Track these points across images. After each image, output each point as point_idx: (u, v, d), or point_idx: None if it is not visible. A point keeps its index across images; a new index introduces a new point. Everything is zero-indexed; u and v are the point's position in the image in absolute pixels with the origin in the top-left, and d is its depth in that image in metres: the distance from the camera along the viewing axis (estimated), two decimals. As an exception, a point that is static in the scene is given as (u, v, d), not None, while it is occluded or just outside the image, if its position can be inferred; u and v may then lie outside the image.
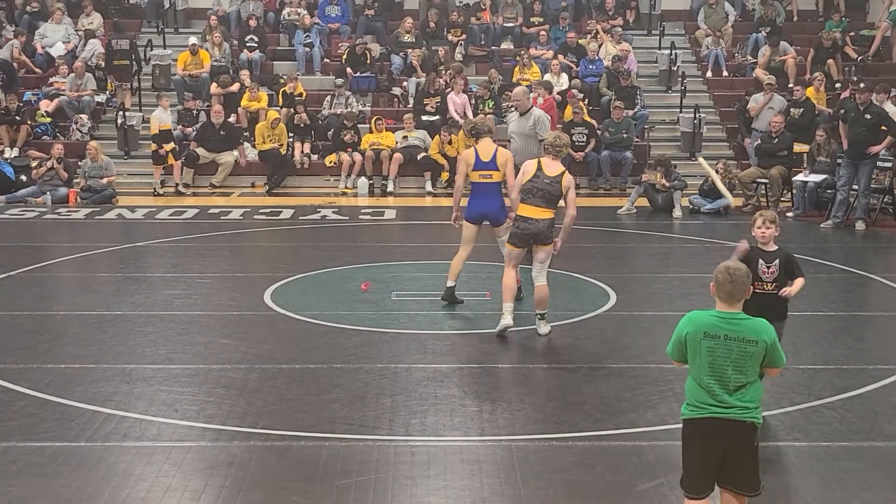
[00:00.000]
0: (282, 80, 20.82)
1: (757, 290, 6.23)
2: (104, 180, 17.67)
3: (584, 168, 18.96)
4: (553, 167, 9.29)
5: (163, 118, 18.45)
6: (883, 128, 15.30)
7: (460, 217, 10.45)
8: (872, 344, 9.63)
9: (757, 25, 22.44)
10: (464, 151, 10.56)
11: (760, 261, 6.99)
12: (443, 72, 20.59)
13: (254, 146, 19.46)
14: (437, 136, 19.21)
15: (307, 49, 21.90)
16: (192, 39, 21.09)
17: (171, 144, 18.44)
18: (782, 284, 7.01)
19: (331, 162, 19.30)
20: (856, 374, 8.34)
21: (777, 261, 7.06)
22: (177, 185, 18.63)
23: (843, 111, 16.29)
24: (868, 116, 15.18)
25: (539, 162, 9.39)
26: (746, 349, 4.84)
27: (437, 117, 19.68)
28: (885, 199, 16.10)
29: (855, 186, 15.38)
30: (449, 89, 20.08)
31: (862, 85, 16.43)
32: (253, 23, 21.96)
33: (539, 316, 9.41)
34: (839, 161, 15.77)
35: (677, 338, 4.99)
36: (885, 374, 8.29)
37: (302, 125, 19.62)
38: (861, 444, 6.81)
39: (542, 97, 16.31)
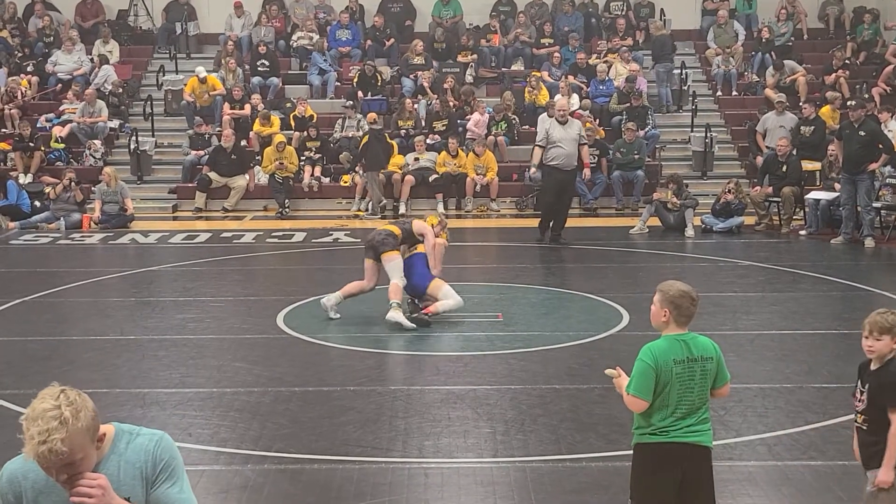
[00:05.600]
0: (288, 106, 20.90)
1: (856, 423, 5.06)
2: (125, 204, 17.74)
3: (591, 188, 18.95)
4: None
5: None
6: (879, 146, 15.33)
7: None
8: (887, 362, 9.57)
9: (762, 46, 22.40)
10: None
11: (858, 381, 5.04)
12: (449, 92, 20.71)
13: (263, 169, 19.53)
14: (443, 152, 19.30)
15: (320, 75, 21.99)
16: (200, 69, 21.16)
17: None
18: (877, 423, 4.88)
19: (346, 182, 19.38)
20: (871, 392, 8.28)
21: (869, 385, 4.93)
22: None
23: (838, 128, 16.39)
24: (862, 133, 15.19)
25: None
26: (706, 367, 4.80)
27: (446, 139, 19.72)
28: (898, 218, 16.09)
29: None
30: (472, 110, 20.22)
31: (854, 102, 16.43)
32: (263, 49, 22.05)
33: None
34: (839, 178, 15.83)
35: (647, 373, 4.76)
36: (900, 392, 8.23)
37: (313, 149, 19.70)
38: (877, 463, 6.76)
39: None
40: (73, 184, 17.97)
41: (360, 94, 21.13)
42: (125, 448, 3.23)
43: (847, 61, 21.74)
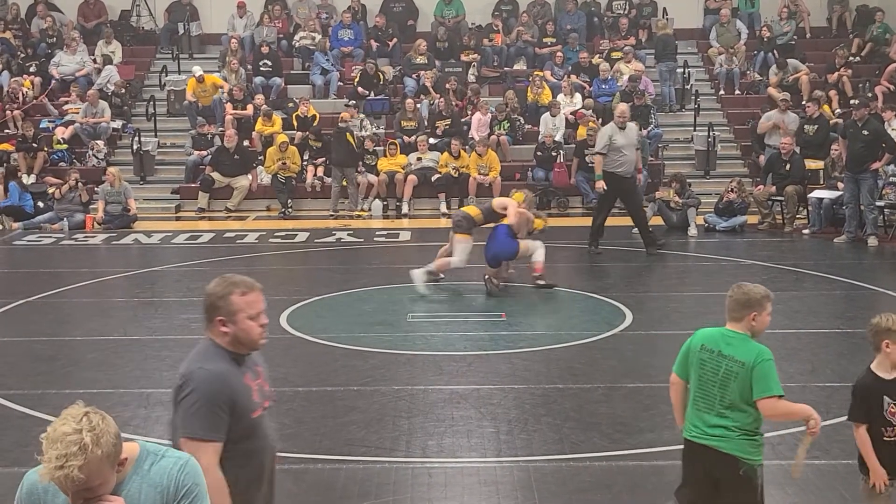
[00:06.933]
0: (290, 106, 20.90)
1: (885, 438, 4.98)
2: (129, 204, 17.75)
3: (594, 187, 18.92)
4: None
5: None
6: (883, 144, 15.35)
7: None
8: (891, 360, 9.57)
9: (763, 45, 22.38)
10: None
11: (885, 397, 5.00)
12: (451, 93, 20.71)
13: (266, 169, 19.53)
14: (445, 152, 19.28)
15: (323, 75, 21.98)
16: (197, 68, 21.17)
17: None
18: None
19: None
20: (874, 391, 8.29)
21: None
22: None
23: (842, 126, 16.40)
24: (865, 132, 15.20)
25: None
26: (732, 369, 4.74)
27: (449, 139, 19.68)
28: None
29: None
30: (473, 109, 20.25)
31: (857, 101, 16.41)
32: (265, 49, 22.05)
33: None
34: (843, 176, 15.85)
35: (683, 349, 4.98)
36: (904, 391, 8.23)
37: (314, 148, 19.71)
38: (881, 462, 6.76)
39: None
40: (78, 184, 17.99)
41: (360, 89, 21.11)
42: (148, 469, 3.18)
43: (850, 58, 21.69)
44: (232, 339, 4.00)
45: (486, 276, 12.04)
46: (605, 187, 14.56)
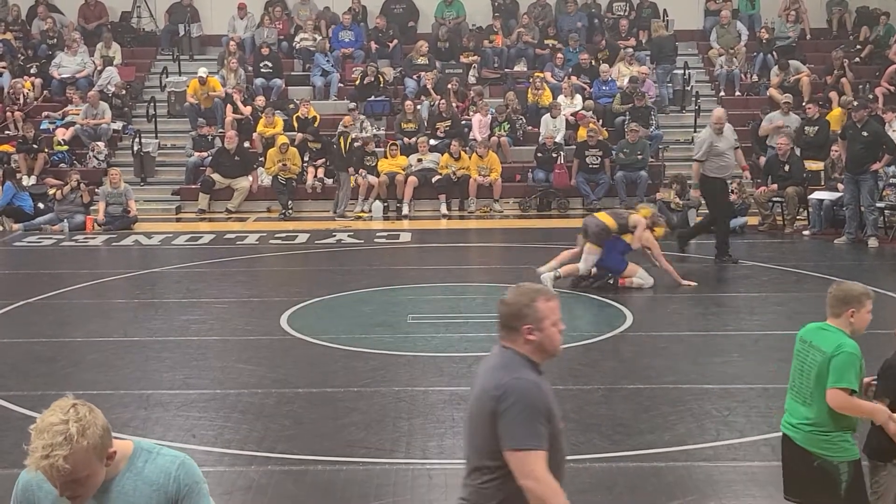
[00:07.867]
0: (291, 107, 20.89)
1: None
2: (129, 205, 17.75)
3: (595, 188, 18.95)
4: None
5: None
6: (883, 146, 15.36)
7: None
8: (891, 362, 9.55)
9: (762, 47, 22.38)
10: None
11: None
12: (452, 94, 20.71)
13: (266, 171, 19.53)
14: (446, 154, 19.27)
15: (323, 77, 21.99)
16: (203, 70, 21.17)
17: None
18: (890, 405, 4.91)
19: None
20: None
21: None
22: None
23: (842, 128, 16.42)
24: (865, 133, 15.20)
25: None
26: (815, 359, 4.79)
27: (449, 140, 19.67)
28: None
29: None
30: (475, 110, 20.25)
31: (857, 103, 16.41)
32: (266, 50, 22.05)
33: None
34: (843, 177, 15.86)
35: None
36: (904, 392, 8.22)
37: (314, 150, 19.71)
38: (881, 463, 6.75)
39: None
40: (80, 185, 17.98)
41: (366, 80, 21.10)
42: (143, 466, 3.15)
43: (854, 57, 21.63)
44: (536, 346, 3.89)
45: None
46: (709, 193, 14.31)
